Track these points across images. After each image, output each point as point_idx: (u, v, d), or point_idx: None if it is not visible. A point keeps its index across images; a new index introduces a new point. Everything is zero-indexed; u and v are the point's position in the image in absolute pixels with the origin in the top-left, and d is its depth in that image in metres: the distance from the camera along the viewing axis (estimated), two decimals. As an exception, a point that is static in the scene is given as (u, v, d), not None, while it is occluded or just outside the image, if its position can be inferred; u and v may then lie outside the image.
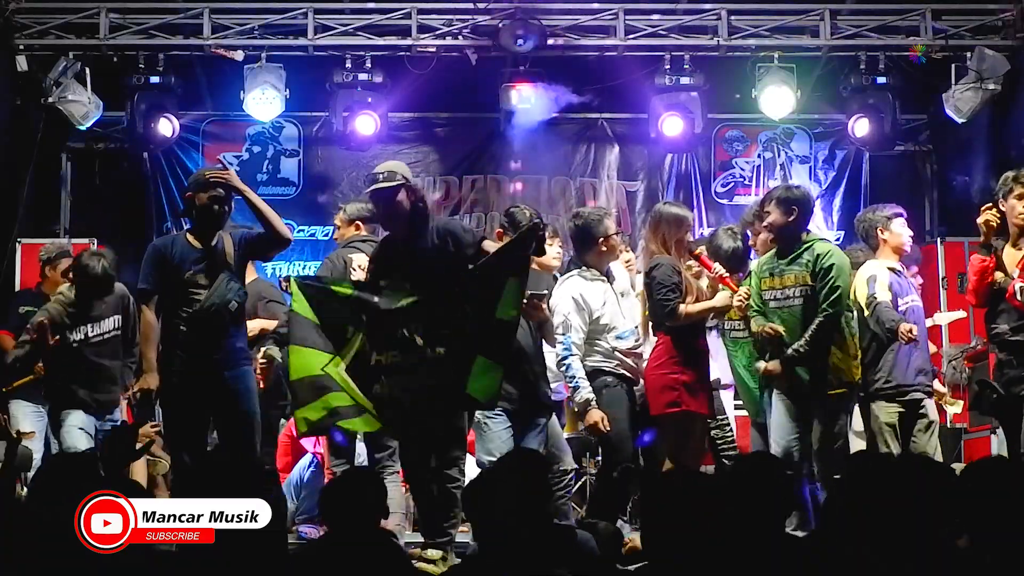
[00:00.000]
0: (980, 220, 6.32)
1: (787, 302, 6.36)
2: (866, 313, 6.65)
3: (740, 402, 7.31)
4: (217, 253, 6.14)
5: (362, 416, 5.80)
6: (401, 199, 5.95)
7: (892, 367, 6.73)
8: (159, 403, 6.30)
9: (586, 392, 6.31)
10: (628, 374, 6.51)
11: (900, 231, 6.97)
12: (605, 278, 6.59)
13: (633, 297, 6.88)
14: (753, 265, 6.81)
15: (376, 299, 5.86)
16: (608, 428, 6.31)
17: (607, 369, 6.45)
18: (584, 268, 6.55)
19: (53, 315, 7.17)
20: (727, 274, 6.46)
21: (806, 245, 6.38)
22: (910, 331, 6.43)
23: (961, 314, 8.92)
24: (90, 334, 7.20)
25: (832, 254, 6.37)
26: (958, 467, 6.27)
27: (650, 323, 6.62)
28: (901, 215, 7.06)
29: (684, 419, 6.32)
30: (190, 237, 6.20)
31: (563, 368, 6.35)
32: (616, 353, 6.47)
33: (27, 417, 7.62)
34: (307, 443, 7.95)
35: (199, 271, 6.08)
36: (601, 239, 6.53)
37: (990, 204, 6.35)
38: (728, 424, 7.20)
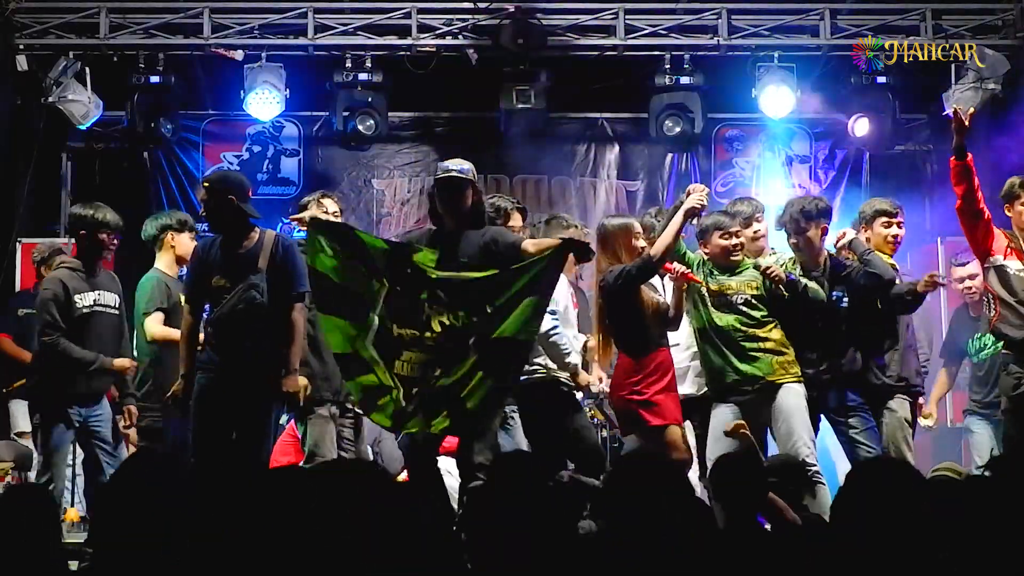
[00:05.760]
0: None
1: (729, 304, 6.55)
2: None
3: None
4: (243, 257, 6.21)
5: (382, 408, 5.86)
6: (467, 193, 6.02)
7: (901, 364, 6.75)
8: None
9: (576, 357, 6.48)
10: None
11: None
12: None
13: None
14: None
15: (412, 257, 5.88)
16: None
17: (563, 379, 6.50)
18: None
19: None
20: (688, 270, 6.44)
21: (745, 266, 6.69)
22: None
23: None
24: (98, 300, 6.75)
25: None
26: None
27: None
28: None
29: (653, 435, 6.33)
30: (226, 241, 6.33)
31: (552, 339, 6.32)
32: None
33: (26, 417, 7.60)
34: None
35: (222, 275, 6.21)
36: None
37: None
38: None
